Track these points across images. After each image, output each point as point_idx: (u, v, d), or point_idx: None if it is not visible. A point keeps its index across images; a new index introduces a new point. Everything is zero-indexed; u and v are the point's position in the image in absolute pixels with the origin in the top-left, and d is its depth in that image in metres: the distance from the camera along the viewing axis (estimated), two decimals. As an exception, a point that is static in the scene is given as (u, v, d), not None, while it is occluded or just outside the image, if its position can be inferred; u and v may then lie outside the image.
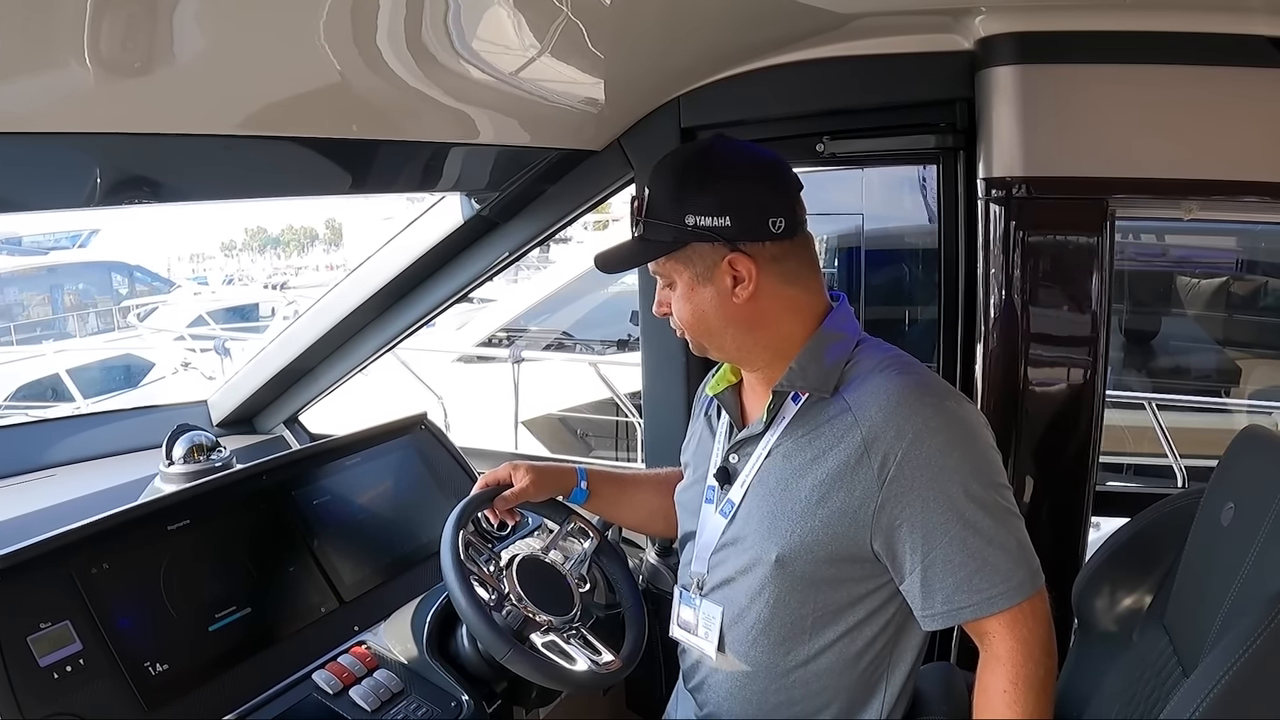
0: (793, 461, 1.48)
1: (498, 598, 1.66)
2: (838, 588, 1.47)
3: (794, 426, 1.50)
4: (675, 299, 1.52)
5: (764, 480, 1.51)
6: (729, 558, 1.55)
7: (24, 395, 10.40)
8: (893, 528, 1.40)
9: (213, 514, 1.87)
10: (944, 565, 1.38)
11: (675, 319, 1.54)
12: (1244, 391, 6.31)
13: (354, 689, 1.70)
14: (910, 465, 1.37)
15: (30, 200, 1.82)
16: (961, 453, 1.40)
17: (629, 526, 2.04)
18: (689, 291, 1.50)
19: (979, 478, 1.40)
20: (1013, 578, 1.38)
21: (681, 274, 1.50)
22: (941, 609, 1.40)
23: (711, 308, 1.50)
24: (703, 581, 1.60)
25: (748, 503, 1.53)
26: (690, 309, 1.51)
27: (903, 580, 1.43)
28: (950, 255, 2.22)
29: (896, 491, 1.38)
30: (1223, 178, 1.84)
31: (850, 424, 1.42)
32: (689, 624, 1.62)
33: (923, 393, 1.43)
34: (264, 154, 1.74)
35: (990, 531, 1.38)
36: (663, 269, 1.52)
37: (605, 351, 7.86)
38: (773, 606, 1.49)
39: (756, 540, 1.50)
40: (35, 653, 1.49)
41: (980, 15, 1.89)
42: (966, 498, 1.38)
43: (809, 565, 1.45)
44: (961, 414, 1.43)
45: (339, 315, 2.67)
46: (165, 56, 1.29)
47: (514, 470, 1.81)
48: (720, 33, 1.98)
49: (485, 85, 1.80)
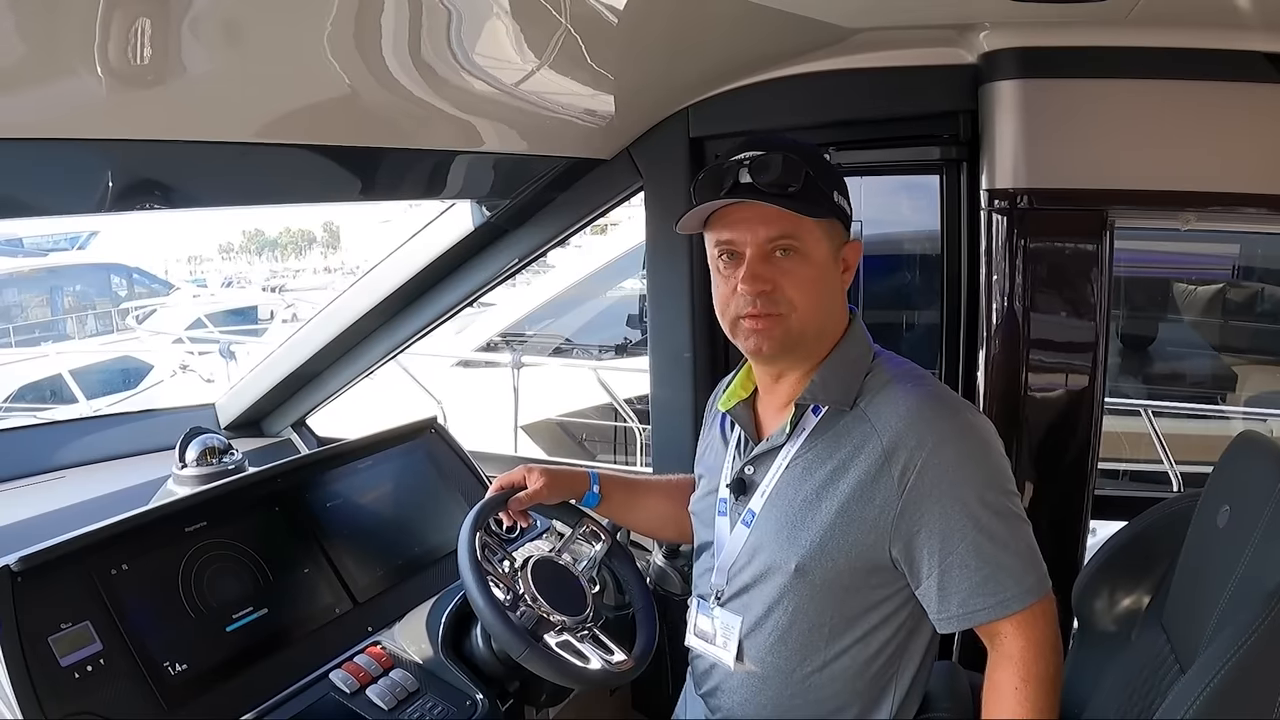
0: (814, 473, 1.50)
1: (513, 598, 1.69)
2: (855, 595, 1.50)
3: (813, 439, 1.53)
4: (797, 273, 1.48)
5: (783, 492, 1.54)
6: (748, 568, 1.57)
7: (25, 396, 10.37)
8: (911, 534, 1.43)
9: (229, 516, 1.89)
10: (960, 570, 1.42)
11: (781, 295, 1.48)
12: (1240, 398, 6.31)
13: (371, 688, 1.73)
14: (929, 473, 1.41)
15: (43, 205, 1.84)
16: (976, 462, 1.44)
17: (640, 531, 2.06)
18: (826, 265, 1.51)
19: (993, 486, 1.44)
20: (1024, 581, 1.42)
21: (821, 244, 1.49)
22: (957, 611, 1.43)
23: (835, 287, 1.54)
24: (721, 593, 1.61)
25: (767, 513, 1.55)
26: (820, 285, 1.50)
27: (919, 585, 1.46)
28: (953, 264, 2.26)
29: (915, 499, 1.42)
30: (1220, 190, 1.88)
31: (870, 434, 1.46)
32: (706, 633, 1.63)
33: (940, 404, 1.48)
34: (274, 161, 1.77)
35: (1004, 537, 1.42)
36: (809, 235, 1.48)
37: (604, 357, 7.85)
38: (791, 615, 1.52)
39: (776, 550, 1.52)
40: (56, 652, 1.51)
41: (984, 30, 1.92)
42: (981, 505, 1.42)
43: (828, 574, 1.48)
44: (976, 425, 1.48)
45: (348, 320, 2.70)
46: (177, 66, 1.31)
47: (528, 473, 1.83)
48: (728, 46, 2.01)
49: (492, 97, 1.83)
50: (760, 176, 1.45)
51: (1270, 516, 1.35)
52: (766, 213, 1.46)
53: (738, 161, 1.47)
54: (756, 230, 1.47)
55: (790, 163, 1.46)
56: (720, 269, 1.53)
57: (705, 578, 1.67)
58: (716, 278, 1.55)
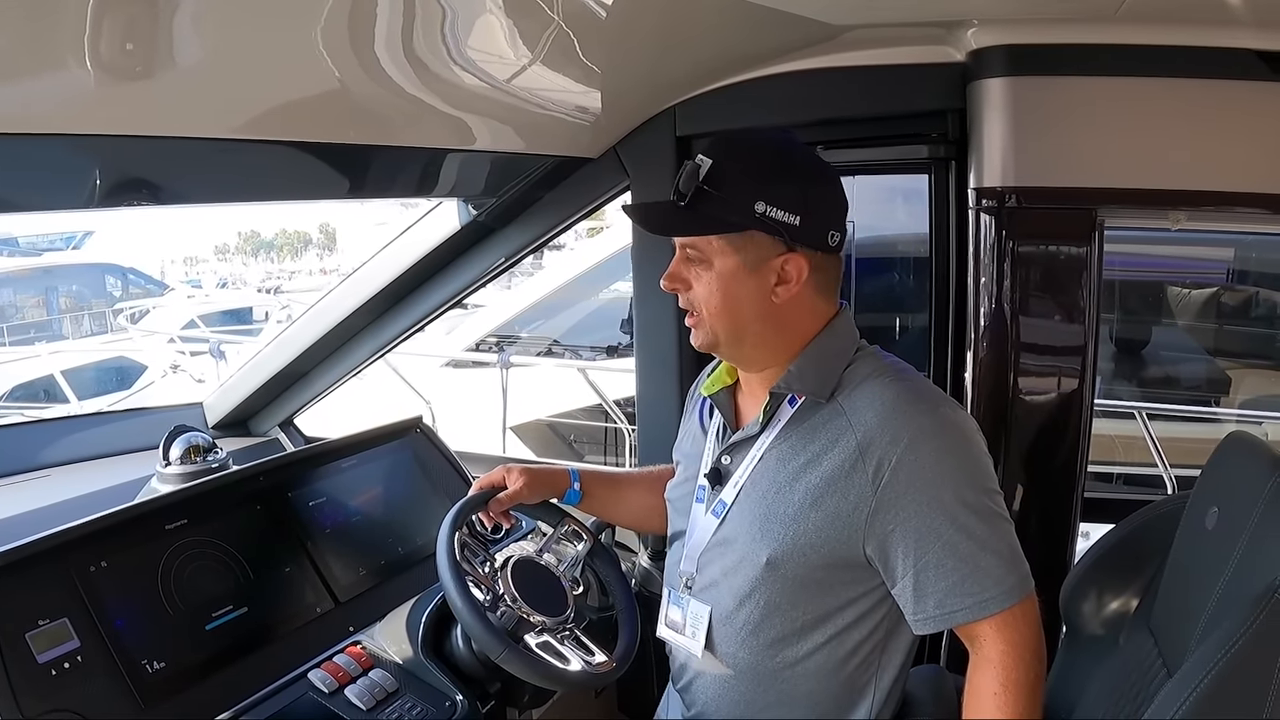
0: (787, 465, 1.48)
1: (492, 598, 1.68)
2: (828, 592, 1.48)
3: (789, 430, 1.50)
4: (704, 279, 1.47)
5: (756, 482, 1.51)
6: (719, 558, 1.55)
7: (18, 396, 10.37)
8: (886, 533, 1.40)
9: (210, 514, 1.88)
10: (937, 569, 1.39)
11: (694, 299, 1.49)
12: (1234, 401, 6.32)
13: (349, 688, 1.72)
14: (904, 471, 1.38)
15: (30, 201, 1.83)
16: (955, 459, 1.41)
17: (623, 525, 2.05)
18: (730, 277, 1.45)
19: (972, 484, 1.41)
20: (1004, 582, 1.39)
21: (728, 258, 1.44)
22: (934, 612, 1.41)
23: (748, 300, 1.46)
24: (691, 580, 1.59)
25: (740, 504, 1.53)
26: (723, 296, 1.46)
27: (895, 584, 1.43)
28: (941, 264, 2.25)
29: (890, 497, 1.39)
30: (1210, 188, 1.87)
31: (845, 429, 1.43)
32: (676, 623, 1.61)
33: (917, 399, 1.44)
34: (263, 158, 1.75)
35: (982, 536, 1.39)
36: (707, 246, 1.45)
37: (594, 358, 7.84)
38: (763, 609, 1.50)
39: (747, 542, 1.50)
40: (34, 649, 1.49)
41: (972, 28, 1.91)
42: (959, 503, 1.39)
43: (800, 569, 1.46)
44: (955, 420, 1.45)
45: (335, 319, 2.69)
46: (166, 60, 1.30)
47: (508, 473, 1.82)
48: (715, 43, 2.00)
49: (482, 93, 1.81)
50: (683, 186, 1.44)
51: (1259, 518, 1.34)
52: None
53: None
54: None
55: (693, 173, 1.43)
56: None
57: (675, 566, 1.65)
58: None
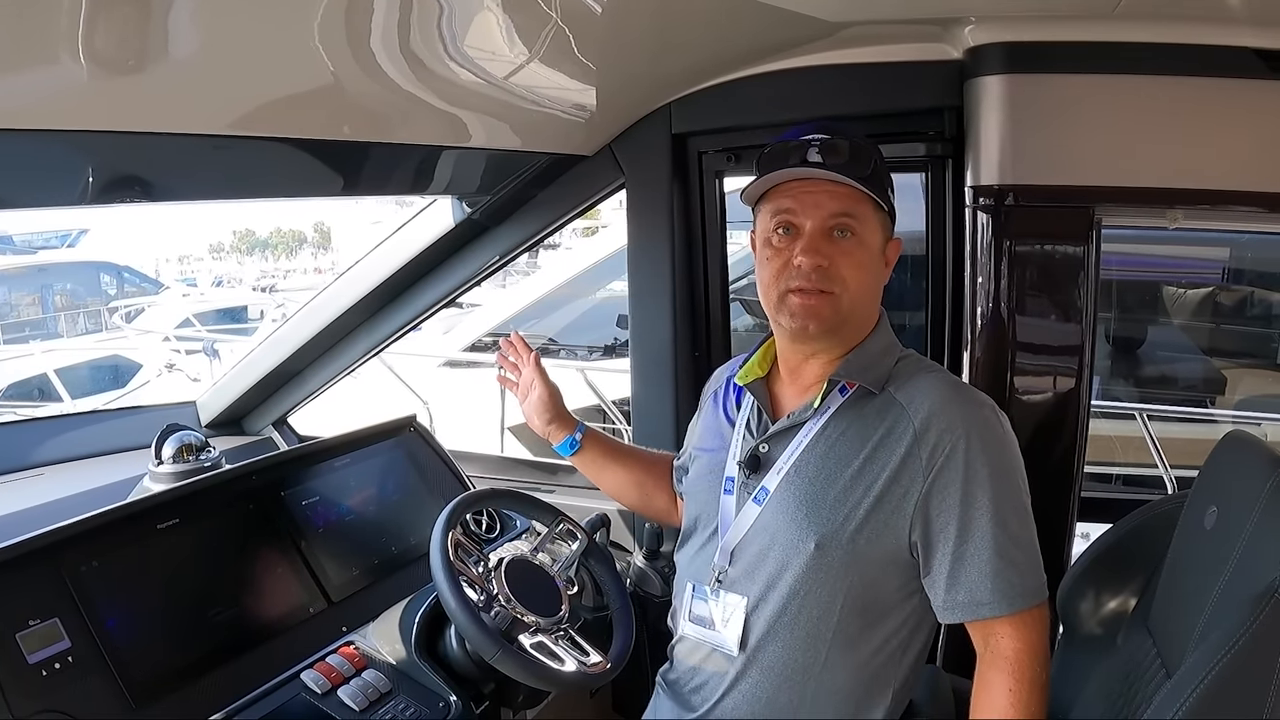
0: (837, 450, 1.50)
1: (486, 598, 1.67)
2: (868, 584, 1.49)
3: (839, 418, 1.53)
4: (854, 256, 1.51)
5: (801, 469, 1.52)
6: (759, 545, 1.54)
7: (11, 395, 10.34)
8: (931, 516, 1.44)
9: (202, 513, 1.87)
10: (974, 560, 1.42)
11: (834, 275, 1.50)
12: (1230, 401, 6.32)
13: (342, 689, 1.71)
14: (957, 459, 1.43)
15: (22, 197, 1.82)
16: (1001, 458, 1.46)
17: (606, 492, 2.04)
18: (873, 251, 1.54)
19: (1012, 484, 1.46)
20: (1030, 582, 1.44)
21: (876, 233, 1.54)
22: (964, 600, 1.44)
23: (877, 275, 1.57)
24: (723, 573, 1.57)
25: (784, 490, 1.53)
26: (865, 268, 1.53)
27: (929, 570, 1.46)
28: (938, 263, 2.24)
29: (942, 483, 1.43)
30: (1208, 187, 1.86)
31: (901, 417, 1.48)
32: (704, 619, 1.59)
33: (972, 395, 1.52)
34: (256, 154, 1.74)
35: (1017, 534, 1.44)
36: (867, 222, 1.52)
37: (592, 357, 7.83)
38: (802, 597, 1.49)
39: (793, 528, 1.50)
40: (24, 649, 1.48)
41: (969, 25, 1.90)
42: (1005, 499, 1.44)
43: (847, 555, 1.47)
44: (1002, 424, 1.50)
45: (328, 318, 2.68)
46: (159, 56, 1.30)
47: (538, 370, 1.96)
48: (711, 40, 1.99)
49: (477, 89, 1.80)
50: (830, 158, 1.49)
51: (1258, 517, 1.34)
52: (833, 190, 1.49)
53: (807, 141, 1.51)
54: (822, 204, 1.50)
55: (859, 149, 1.50)
56: (773, 242, 1.54)
57: (700, 560, 1.63)
58: (766, 251, 1.55)
